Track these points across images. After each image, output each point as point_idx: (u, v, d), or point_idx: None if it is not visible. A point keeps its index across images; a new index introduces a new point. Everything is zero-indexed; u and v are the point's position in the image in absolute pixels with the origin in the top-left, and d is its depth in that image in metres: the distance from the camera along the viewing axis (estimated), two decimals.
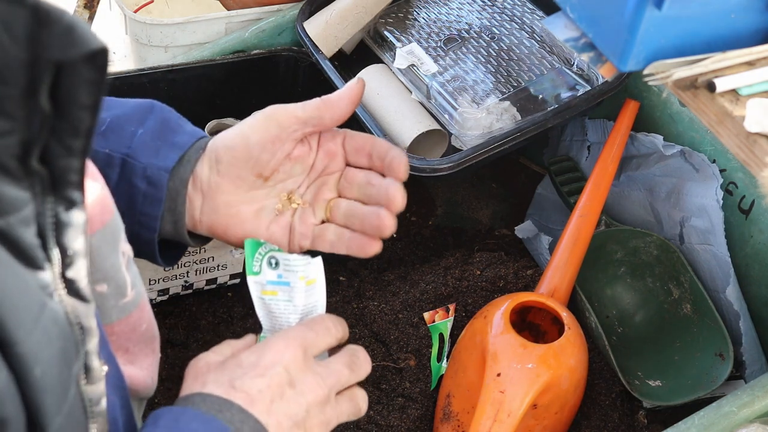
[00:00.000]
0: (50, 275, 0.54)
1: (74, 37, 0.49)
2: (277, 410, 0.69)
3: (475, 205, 1.53)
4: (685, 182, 1.26)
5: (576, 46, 0.98)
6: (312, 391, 0.71)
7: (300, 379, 0.70)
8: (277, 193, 0.82)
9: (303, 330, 0.73)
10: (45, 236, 0.54)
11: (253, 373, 0.69)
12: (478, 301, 1.29)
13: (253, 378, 0.69)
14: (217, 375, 0.69)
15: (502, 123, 1.29)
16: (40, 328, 0.52)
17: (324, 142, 0.86)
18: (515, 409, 1.05)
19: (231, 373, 0.69)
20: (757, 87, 0.88)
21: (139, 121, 0.80)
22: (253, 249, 0.76)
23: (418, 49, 1.40)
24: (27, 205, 0.52)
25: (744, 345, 1.20)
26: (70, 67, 0.50)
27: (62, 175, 0.53)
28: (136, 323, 0.73)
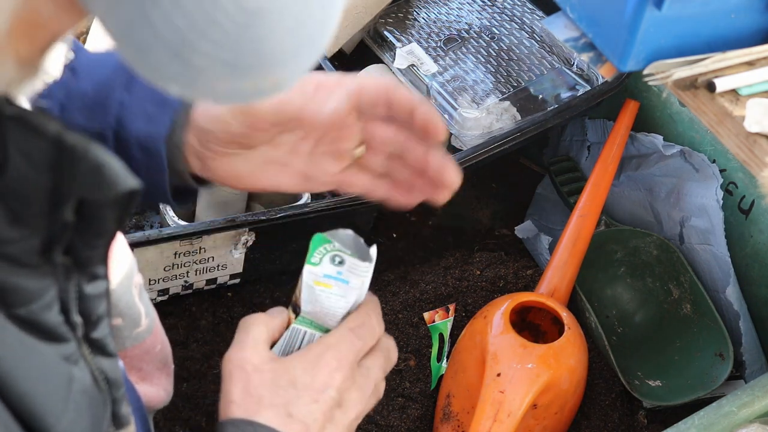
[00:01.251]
0: (75, 343, 0.53)
1: (102, 177, 0.47)
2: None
3: (475, 205, 1.53)
4: (685, 182, 1.26)
5: (576, 46, 0.98)
6: (355, 407, 0.71)
7: (347, 398, 0.71)
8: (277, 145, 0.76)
9: (353, 340, 0.72)
10: (68, 311, 0.53)
11: (307, 398, 0.68)
12: (478, 301, 1.29)
13: (308, 404, 0.68)
14: (272, 397, 0.68)
15: (502, 123, 1.29)
16: (71, 406, 0.51)
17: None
18: (515, 409, 1.05)
19: (285, 395, 0.68)
20: (757, 87, 0.88)
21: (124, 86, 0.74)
22: (318, 244, 0.76)
23: (418, 49, 1.40)
24: (49, 291, 0.51)
25: (744, 345, 1.20)
26: (96, 203, 0.48)
27: (86, 262, 0.52)
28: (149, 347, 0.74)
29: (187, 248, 1.24)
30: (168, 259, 1.23)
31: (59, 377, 0.52)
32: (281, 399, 0.68)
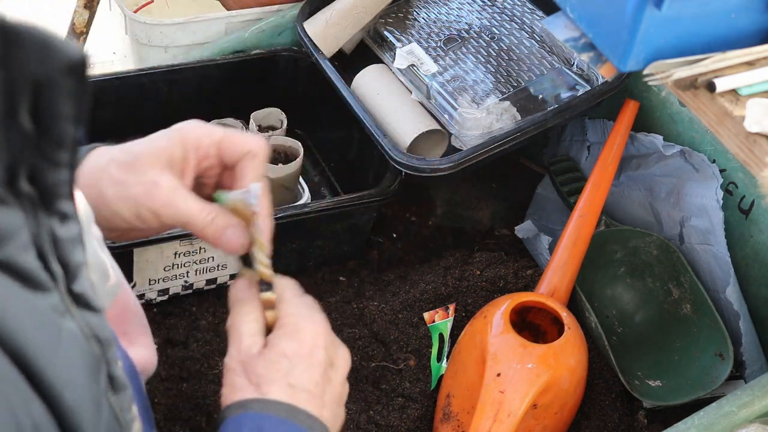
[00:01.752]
0: (58, 295, 0.53)
1: (50, 51, 0.48)
2: (328, 399, 0.70)
3: (475, 205, 1.53)
4: (685, 182, 1.26)
5: (576, 46, 0.98)
6: (344, 363, 0.73)
7: (335, 356, 0.72)
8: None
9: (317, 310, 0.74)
10: (45, 257, 0.52)
11: (302, 365, 0.69)
12: (478, 301, 1.29)
13: (304, 371, 0.69)
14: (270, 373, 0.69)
15: (502, 123, 1.29)
16: (62, 352, 0.51)
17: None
18: (515, 409, 1.05)
19: (281, 368, 0.69)
20: (757, 87, 0.88)
21: None
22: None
23: (418, 49, 1.40)
24: (22, 230, 0.50)
25: (744, 345, 1.20)
26: (49, 83, 0.48)
27: (52, 190, 0.52)
28: (125, 303, 0.72)
29: (187, 248, 1.24)
30: (168, 259, 1.23)
31: (47, 324, 0.51)
32: (278, 373, 0.68)
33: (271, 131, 1.39)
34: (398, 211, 1.49)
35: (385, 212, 1.48)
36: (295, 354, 0.69)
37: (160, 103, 1.46)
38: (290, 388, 0.68)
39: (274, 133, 1.38)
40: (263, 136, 1.36)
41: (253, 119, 1.40)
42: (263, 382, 0.68)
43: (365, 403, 1.21)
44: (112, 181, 0.75)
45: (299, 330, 0.71)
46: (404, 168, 1.26)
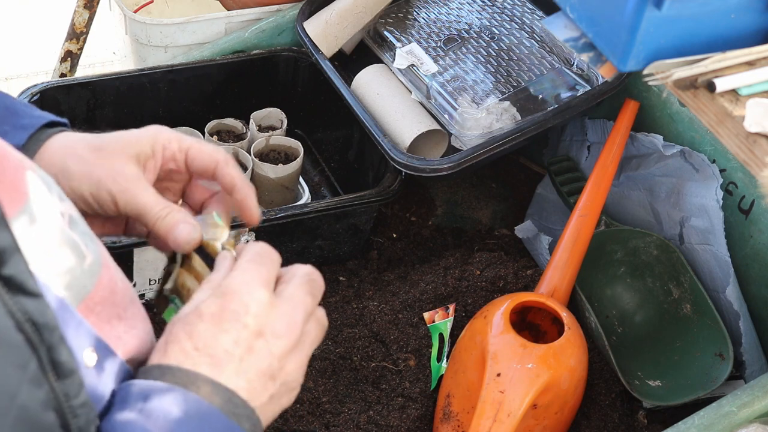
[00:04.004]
0: None
1: None
2: (247, 368, 0.65)
3: (475, 205, 1.53)
4: (685, 182, 1.26)
5: (576, 46, 0.98)
6: (284, 335, 0.67)
7: (268, 326, 0.66)
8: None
9: (256, 267, 0.69)
10: None
11: (216, 329, 0.65)
12: (478, 301, 1.29)
13: (217, 335, 0.65)
14: (179, 334, 0.65)
15: (502, 123, 1.29)
16: None
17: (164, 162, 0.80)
18: (515, 409, 1.05)
19: (193, 330, 0.65)
20: (757, 87, 0.88)
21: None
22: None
23: (418, 49, 1.40)
24: None
25: (744, 345, 1.20)
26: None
27: None
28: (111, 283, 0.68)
29: None
30: None
31: None
32: (187, 334, 0.65)
33: (271, 131, 1.39)
34: (398, 211, 1.49)
35: (385, 212, 1.48)
36: (212, 316, 0.65)
37: (160, 103, 1.46)
38: (194, 350, 0.64)
39: (274, 133, 1.38)
40: (263, 136, 1.36)
41: (253, 119, 1.40)
42: (170, 342, 0.65)
43: (365, 403, 1.21)
44: (78, 158, 0.75)
45: (228, 293, 0.67)
46: (404, 168, 1.26)
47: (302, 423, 1.19)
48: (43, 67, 2.11)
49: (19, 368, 0.53)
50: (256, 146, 1.35)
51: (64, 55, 1.65)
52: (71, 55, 1.65)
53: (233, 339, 0.65)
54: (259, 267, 0.69)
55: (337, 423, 1.19)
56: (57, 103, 1.38)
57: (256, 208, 0.82)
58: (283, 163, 1.34)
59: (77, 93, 1.40)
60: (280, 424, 1.19)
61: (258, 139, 1.36)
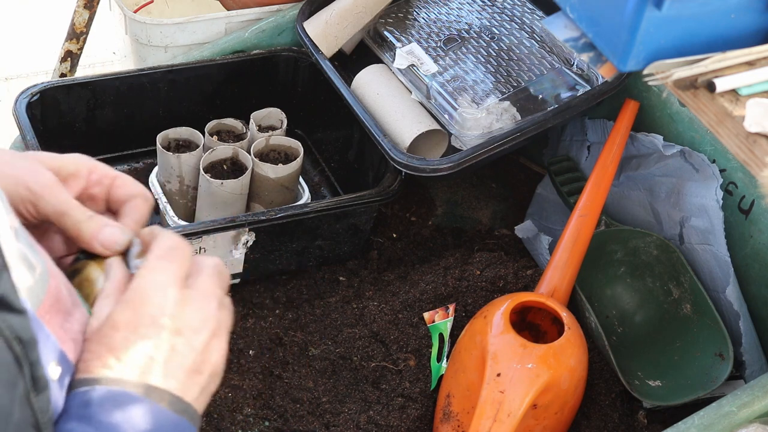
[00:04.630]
0: None
1: None
2: (174, 369, 0.64)
3: (475, 205, 1.53)
4: (685, 182, 1.26)
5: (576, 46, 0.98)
6: (203, 329, 0.66)
7: (185, 323, 0.65)
8: None
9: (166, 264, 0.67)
10: None
11: (135, 336, 0.63)
12: (478, 301, 1.29)
13: (136, 342, 0.63)
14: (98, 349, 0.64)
15: (502, 123, 1.29)
16: None
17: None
18: (515, 409, 1.05)
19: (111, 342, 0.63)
20: (757, 87, 0.88)
21: None
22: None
23: (418, 49, 1.40)
24: None
25: (744, 345, 1.20)
26: None
27: None
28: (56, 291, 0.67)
29: None
30: None
31: None
32: (106, 347, 0.63)
33: (271, 131, 1.39)
34: (398, 211, 1.49)
35: (385, 212, 1.48)
36: (127, 324, 0.64)
37: (160, 103, 1.46)
38: (117, 362, 0.63)
39: (274, 133, 1.38)
40: (263, 136, 1.36)
41: (253, 119, 1.40)
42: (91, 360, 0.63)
43: (365, 403, 1.21)
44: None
45: (138, 296, 0.65)
46: (404, 168, 1.26)
47: (302, 423, 1.19)
48: (43, 67, 2.11)
49: (11, 387, 0.53)
50: (256, 146, 1.35)
51: (64, 55, 1.65)
52: (71, 55, 1.65)
53: (153, 343, 0.64)
54: (169, 264, 0.67)
55: (337, 423, 1.19)
56: (57, 103, 1.38)
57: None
58: (283, 163, 1.34)
59: (77, 93, 1.40)
60: (280, 424, 1.19)
61: (258, 139, 1.36)
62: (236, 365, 1.23)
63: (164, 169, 1.35)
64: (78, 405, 0.61)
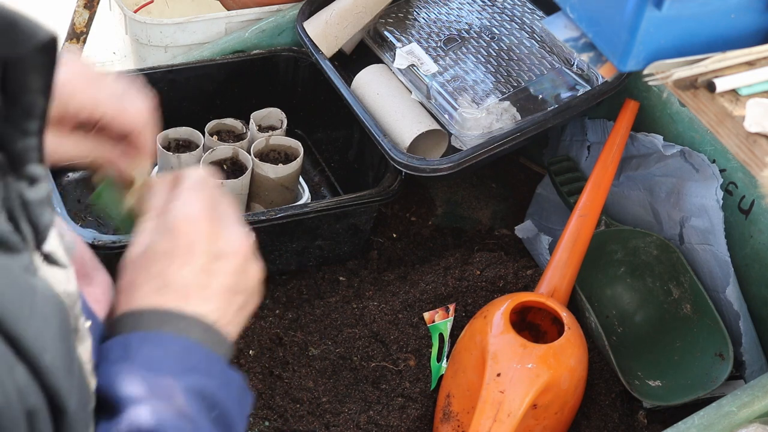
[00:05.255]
0: (28, 254, 0.54)
1: (18, 32, 0.48)
2: (212, 293, 0.67)
3: (475, 205, 1.53)
4: (685, 182, 1.26)
5: (576, 46, 0.98)
6: (237, 250, 0.69)
7: (221, 246, 0.69)
8: None
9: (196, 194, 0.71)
10: (16, 219, 0.53)
11: (176, 263, 0.67)
12: (478, 301, 1.29)
13: (178, 269, 0.67)
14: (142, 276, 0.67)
15: (502, 123, 1.29)
16: (37, 313, 0.51)
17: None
18: (515, 409, 1.05)
19: (153, 269, 0.67)
20: (757, 87, 0.88)
21: None
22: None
23: (418, 49, 1.40)
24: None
25: (744, 345, 1.20)
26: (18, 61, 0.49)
27: (21, 156, 0.53)
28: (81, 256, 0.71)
29: None
30: None
31: (21, 285, 0.51)
32: (150, 275, 0.67)
33: (271, 131, 1.39)
34: (398, 211, 1.49)
35: (385, 212, 1.48)
36: (166, 253, 0.67)
37: (160, 103, 1.45)
38: (162, 289, 0.66)
39: (274, 133, 1.38)
40: (263, 136, 1.36)
41: (253, 119, 1.40)
42: (133, 286, 0.67)
43: (365, 403, 1.21)
44: None
45: (175, 226, 0.68)
46: (404, 168, 1.26)
47: (302, 423, 1.19)
48: None
49: (69, 337, 0.56)
50: (256, 146, 1.35)
51: None
52: None
53: (192, 269, 0.67)
54: (199, 193, 0.71)
55: (337, 423, 1.19)
56: None
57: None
58: (283, 163, 1.34)
59: None
60: (280, 424, 1.19)
61: (258, 139, 1.36)
62: (236, 365, 1.23)
63: (164, 169, 1.35)
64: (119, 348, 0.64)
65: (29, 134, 0.52)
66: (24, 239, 0.53)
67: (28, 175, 0.54)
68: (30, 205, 0.54)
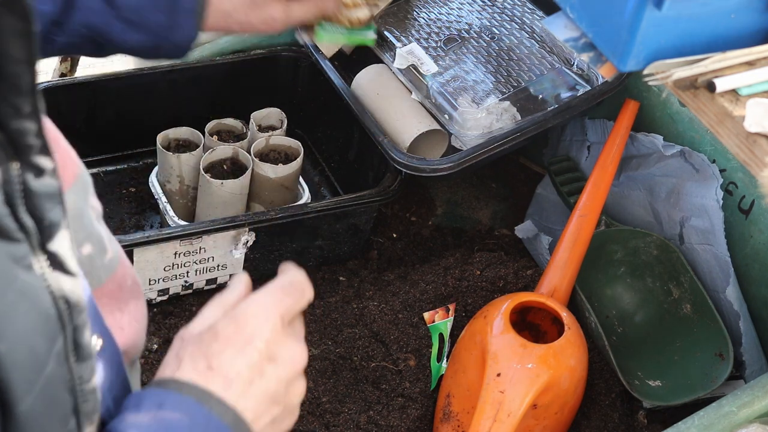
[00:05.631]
0: (27, 247, 0.53)
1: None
2: (255, 392, 0.66)
3: (475, 205, 1.53)
4: (685, 182, 1.26)
5: (576, 46, 0.98)
6: (292, 363, 0.69)
7: (279, 352, 0.68)
8: None
9: (281, 296, 0.71)
10: (14, 204, 0.52)
11: (231, 351, 0.66)
12: (478, 301, 1.29)
13: (232, 357, 0.66)
14: (194, 352, 0.66)
15: (502, 123, 1.29)
16: (6, 301, 0.51)
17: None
18: (515, 409, 1.05)
19: (207, 349, 0.66)
20: (757, 87, 0.88)
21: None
22: None
23: (418, 49, 1.40)
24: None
25: (744, 345, 1.20)
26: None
27: (20, 139, 0.52)
28: (122, 280, 0.71)
29: (187, 248, 1.24)
30: (168, 259, 1.23)
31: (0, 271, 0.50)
32: (202, 353, 0.66)
33: (271, 131, 1.39)
34: (398, 211, 1.49)
35: (385, 212, 1.48)
36: (227, 339, 0.67)
37: (161, 103, 1.46)
38: (208, 370, 0.65)
39: (274, 133, 1.38)
40: (263, 136, 1.36)
41: (253, 119, 1.40)
42: (184, 359, 0.66)
43: (365, 403, 1.21)
44: None
45: (244, 316, 0.68)
46: (404, 168, 1.26)
47: (302, 423, 1.19)
48: (43, 67, 2.11)
49: (50, 341, 0.54)
50: (256, 146, 1.35)
51: (64, 55, 1.65)
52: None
53: (246, 362, 0.66)
54: (284, 297, 0.71)
55: (337, 423, 1.19)
56: (57, 103, 1.38)
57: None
58: (283, 163, 1.34)
59: (77, 93, 1.40)
60: None
61: (258, 139, 1.36)
62: None
63: (164, 169, 1.35)
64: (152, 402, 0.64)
65: (22, 114, 0.52)
66: (23, 229, 0.53)
67: (34, 165, 0.53)
68: (34, 196, 0.53)
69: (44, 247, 0.55)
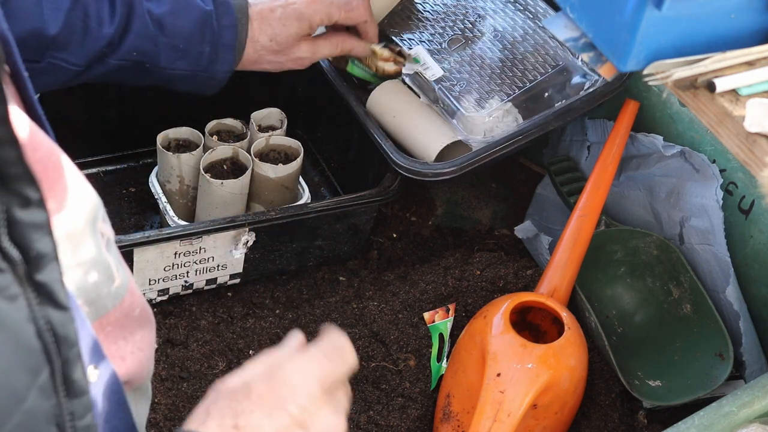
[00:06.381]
0: (11, 277, 0.52)
1: None
2: None
3: (475, 205, 1.53)
4: (685, 182, 1.26)
5: (576, 46, 0.98)
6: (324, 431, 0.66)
7: (313, 421, 0.66)
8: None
9: (321, 360, 0.68)
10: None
11: (261, 412, 0.64)
12: (478, 301, 1.29)
13: (260, 418, 0.63)
14: (223, 408, 0.64)
15: (504, 126, 1.29)
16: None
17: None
18: (515, 409, 1.05)
19: (237, 407, 0.64)
20: (757, 87, 0.88)
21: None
22: None
23: (423, 53, 1.40)
24: None
25: (744, 345, 1.20)
26: None
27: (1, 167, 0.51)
28: (129, 309, 0.69)
29: (187, 248, 1.24)
30: (168, 259, 1.23)
31: None
32: (231, 410, 0.64)
33: (271, 131, 1.39)
34: (398, 211, 1.49)
35: (385, 212, 1.48)
36: (260, 398, 0.64)
37: (161, 103, 1.46)
38: (233, 429, 0.63)
39: (274, 133, 1.38)
40: (263, 136, 1.36)
41: (253, 119, 1.40)
42: (212, 414, 0.64)
43: (365, 403, 1.21)
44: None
45: (279, 377, 0.66)
46: (406, 172, 1.26)
47: None
48: None
49: (31, 373, 0.53)
50: (256, 146, 1.35)
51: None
52: None
53: (273, 424, 0.64)
54: (325, 362, 0.68)
55: None
56: (57, 103, 1.38)
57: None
58: (283, 163, 1.34)
59: (77, 93, 1.40)
60: None
61: (258, 139, 1.36)
62: (236, 365, 1.23)
63: (164, 169, 1.35)
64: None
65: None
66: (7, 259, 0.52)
67: (19, 194, 0.52)
68: (19, 225, 0.52)
69: (32, 277, 0.53)
